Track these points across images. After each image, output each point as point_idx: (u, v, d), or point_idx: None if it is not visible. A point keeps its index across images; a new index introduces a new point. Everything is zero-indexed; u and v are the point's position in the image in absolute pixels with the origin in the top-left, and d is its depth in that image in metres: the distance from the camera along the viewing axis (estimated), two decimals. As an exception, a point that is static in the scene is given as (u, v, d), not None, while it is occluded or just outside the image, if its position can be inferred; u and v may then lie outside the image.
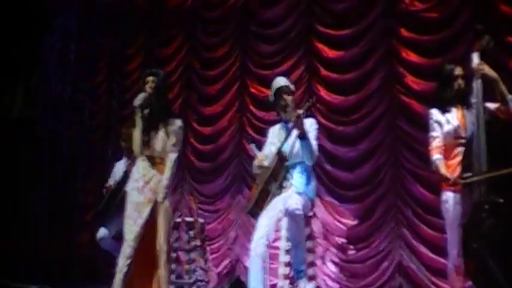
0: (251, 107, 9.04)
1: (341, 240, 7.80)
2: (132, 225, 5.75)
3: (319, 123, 6.14)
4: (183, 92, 9.85)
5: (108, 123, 10.67)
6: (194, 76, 9.85)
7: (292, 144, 5.71)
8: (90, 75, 11.17)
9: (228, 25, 9.53)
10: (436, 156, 5.22)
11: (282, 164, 5.69)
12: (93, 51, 11.21)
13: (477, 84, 5.00)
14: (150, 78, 6.02)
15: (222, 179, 9.21)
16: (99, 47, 11.16)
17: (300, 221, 5.48)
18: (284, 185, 5.69)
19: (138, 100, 5.85)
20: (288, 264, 6.35)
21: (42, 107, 11.41)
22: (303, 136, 5.52)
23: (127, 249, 5.70)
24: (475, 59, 5.10)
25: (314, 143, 5.69)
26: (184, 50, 10.03)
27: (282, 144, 5.72)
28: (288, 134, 5.70)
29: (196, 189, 9.43)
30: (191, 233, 8.29)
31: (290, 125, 5.72)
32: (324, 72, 8.30)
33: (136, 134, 5.89)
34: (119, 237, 6.42)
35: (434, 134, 5.31)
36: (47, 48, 11.44)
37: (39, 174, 11.06)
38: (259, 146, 6.28)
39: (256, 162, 5.90)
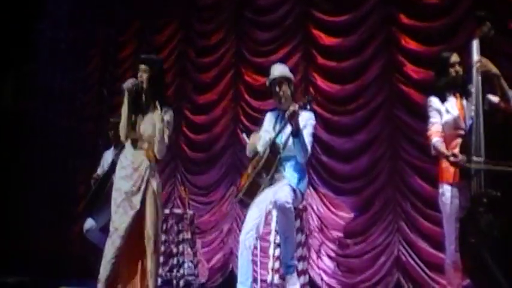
0: (246, 96, 8.96)
1: (337, 234, 7.74)
2: (123, 215, 5.64)
3: (314, 112, 6.00)
4: (176, 79, 9.76)
5: (100, 113, 10.55)
6: (188, 64, 9.77)
7: (287, 136, 5.59)
8: (81, 64, 11.04)
9: (222, 11, 9.44)
10: (436, 138, 5.12)
11: (274, 157, 5.58)
12: (85, 39, 11.08)
13: (477, 76, 4.91)
14: (143, 66, 5.88)
15: (215, 170, 9.14)
16: (91, 35, 11.03)
17: (290, 214, 5.36)
18: (276, 176, 5.59)
19: (128, 83, 5.74)
20: (278, 258, 6.28)
21: (33, 97, 11.30)
22: (296, 133, 5.39)
23: (117, 239, 5.59)
24: (476, 49, 5.01)
25: (308, 139, 5.56)
26: (178, 37, 9.95)
27: (276, 136, 5.61)
28: (283, 127, 5.56)
29: (189, 180, 9.36)
30: (180, 225, 8.22)
31: (286, 115, 5.55)
32: (320, 60, 8.22)
33: (123, 117, 5.76)
34: (106, 230, 6.33)
35: (433, 120, 5.22)
36: (37, 36, 11.32)
37: (30, 167, 10.95)
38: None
39: (249, 147, 5.82)
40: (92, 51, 11.06)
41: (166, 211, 8.24)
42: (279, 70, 5.88)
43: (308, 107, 5.51)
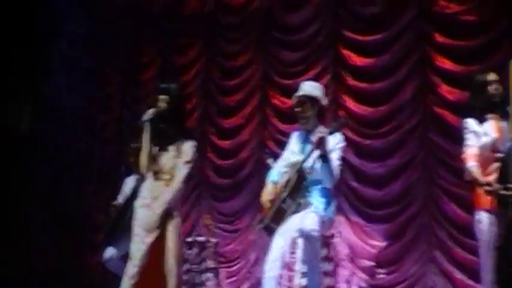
0: (273, 120, 8.94)
1: (369, 264, 7.67)
2: (139, 244, 5.66)
3: (344, 136, 5.93)
4: (201, 103, 9.75)
5: (121, 136, 10.56)
6: (213, 86, 9.76)
7: (314, 160, 5.52)
8: (101, 84, 11.08)
9: (249, 31, 9.42)
10: (471, 163, 5.04)
11: (301, 183, 5.52)
12: (105, 59, 11.12)
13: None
14: (162, 96, 5.90)
15: (241, 197, 9.11)
16: (111, 55, 11.06)
17: (316, 243, 5.33)
18: (302, 202, 5.52)
19: (148, 115, 5.77)
20: (303, 288, 6.24)
21: (52, 119, 11.35)
22: (324, 158, 5.34)
23: (132, 269, 5.61)
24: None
25: (337, 163, 5.47)
26: (202, 59, 9.93)
27: (303, 161, 5.55)
28: (311, 152, 5.49)
29: (214, 207, 9.34)
30: (203, 254, 8.19)
31: (312, 138, 5.48)
32: (351, 81, 8.20)
33: (144, 150, 5.81)
34: (127, 259, 6.33)
35: (469, 142, 5.16)
36: (56, 56, 11.41)
37: (46, 192, 10.99)
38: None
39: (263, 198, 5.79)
40: (112, 71, 11.09)
41: (189, 239, 8.23)
42: (303, 89, 5.78)
43: (339, 130, 5.46)
